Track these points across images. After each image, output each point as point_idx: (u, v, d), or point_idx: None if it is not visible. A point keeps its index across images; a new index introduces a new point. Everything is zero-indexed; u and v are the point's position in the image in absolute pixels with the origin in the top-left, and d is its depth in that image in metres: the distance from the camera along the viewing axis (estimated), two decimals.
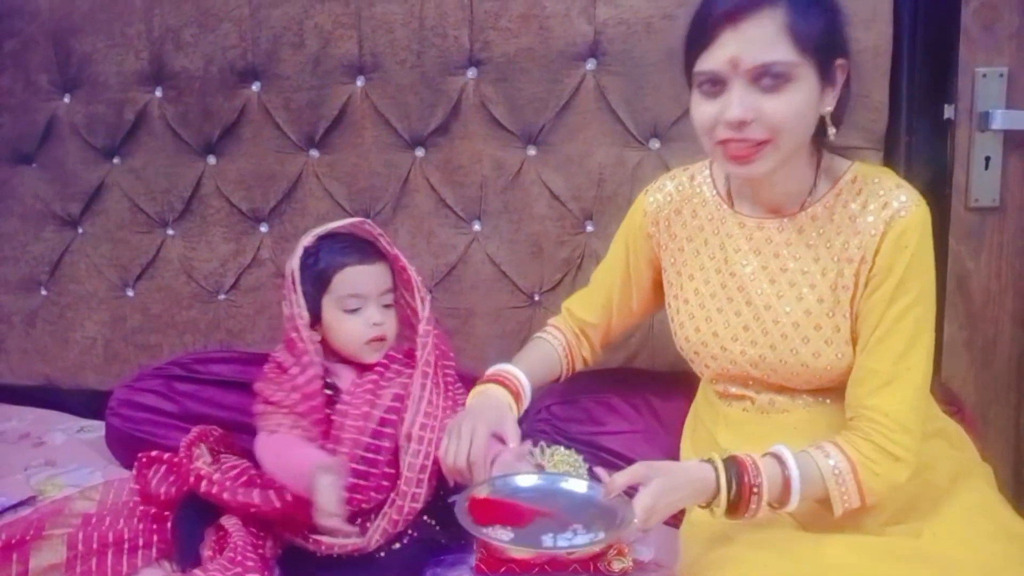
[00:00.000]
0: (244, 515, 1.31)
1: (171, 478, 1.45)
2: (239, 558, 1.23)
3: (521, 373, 1.31)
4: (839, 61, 1.09)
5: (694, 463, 1.11)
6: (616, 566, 1.24)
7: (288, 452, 1.28)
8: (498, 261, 1.75)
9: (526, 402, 1.31)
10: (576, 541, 1.05)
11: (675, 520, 1.29)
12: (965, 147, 1.52)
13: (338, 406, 1.33)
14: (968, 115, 1.51)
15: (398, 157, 1.77)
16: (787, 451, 1.09)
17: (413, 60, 1.71)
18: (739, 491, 1.06)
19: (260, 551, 1.29)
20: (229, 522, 1.31)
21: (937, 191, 1.56)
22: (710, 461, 1.09)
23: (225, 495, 1.31)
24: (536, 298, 1.76)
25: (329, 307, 1.35)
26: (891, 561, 1.05)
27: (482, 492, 1.12)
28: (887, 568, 1.05)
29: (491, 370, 1.33)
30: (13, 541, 1.30)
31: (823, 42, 1.05)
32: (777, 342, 1.17)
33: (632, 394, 1.55)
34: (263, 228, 1.88)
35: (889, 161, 1.53)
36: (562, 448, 1.39)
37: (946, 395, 1.44)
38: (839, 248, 1.14)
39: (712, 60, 1.06)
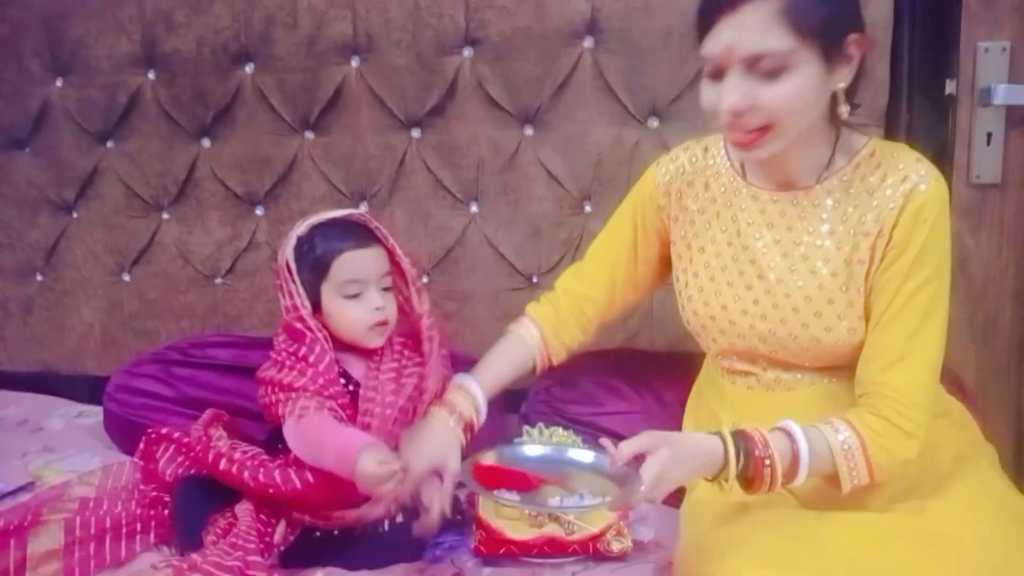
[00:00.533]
0: (258, 498, 1.31)
1: (180, 458, 1.45)
2: (240, 542, 1.23)
3: (479, 391, 1.25)
4: (852, 36, 1.05)
5: (702, 435, 1.10)
6: (615, 547, 1.24)
7: (327, 436, 1.25)
8: (496, 243, 1.74)
9: (482, 418, 1.25)
10: (583, 503, 1.06)
11: (675, 500, 1.29)
12: (967, 123, 1.51)
13: (363, 393, 1.33)
14: (970, 90, 1.50)
15: (394, 138, 1.76)
16: (796, 425, 1.08)
17: (408, 40, 1.69)
18: (749, 464, 1.06)
19: (267, 538, 1.28)
20: (241, 508, 1.31)
21: (938, 167, 1.54)
22: (719, 434, 1.08)
23: (246, 474, 1.30)
24: (534, 280, 1.75)
25: (329, 294, 1.34)
26: (893, 540, 1.05)
27: (488, 459, 1.12)
28: (889, 547, 1.04)
29: (452, 383, 1.27)
30: (11, 527, 1.29)
31: (829, 23, 1.02)
32: (788, 316, 1.16)
33: (632, 375, 1.54)
34: (259, 211, 1.87)
35: (890, 137, 1.51)
36: (560, 429, 1.39)
37: (947, 375, 1.43)
38: (855, 221, 1.12)
39: (711, 45, 1.05)
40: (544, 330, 1.34)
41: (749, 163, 1.21)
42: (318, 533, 1.31)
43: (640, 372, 1.55)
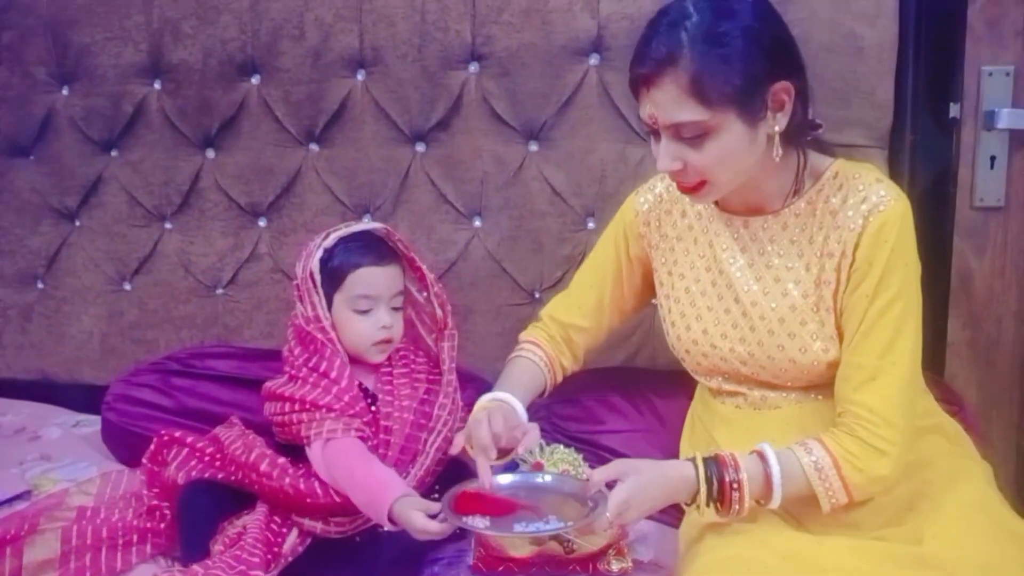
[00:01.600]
0: (278, 505, 1.32)
1: (192, 462, 1.44)
2: (244, 555, 1.23)
3: (516, 401, 1.26)
4: (776, 87, 1.08)
5: (676, 462, 1.14)
6: (615, 566, 1.24)
7: (357, 471, 1.27)
8: (498, 258, 1.74)
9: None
10: (544, 527, 1.09)
11: (674, 520, 1.29)
12: (970, 146, 1.51)
13: (381, 403, 1.36)
14: (973, 114, 1.50)
15: (398, 152, 1.76)
16: (770, 449, 1.10)
17: (414, 54, 1.69)
18: (719, 488, 1.08)
19: (276, 548, 1.28)
20: (252, 517, 1.30)
21: (942, 190, 1.55)
22: (692, 459, 1.11)
23: (287, 480, 1.30)
24: (537, 295, 1.74)
25: (340, 306, 1.36)
26: (890, 565, 1.05)
27: (471, 487, 1.15)
28: (885, 571, 1.05)
29: (486, 398, 1.26)
30: (8, 536, 1.29)
31: (741, 89, 1.05)
32: (764, 338, 1.18)
33: (633, 393, 1.54)
34: (261, 223, 1.87)
35: (893, 159, 1.52)
36: (562, 447, 1.37)
37: (946, 394, 1.43)
38: (820, 243, 1.15)
39: (641, 113, 1.11)
40: (548, 351, 1.37)
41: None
42: (327, 541, 1.31)
43: (641, 390, 1.55)
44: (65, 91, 1.93)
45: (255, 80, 1.80)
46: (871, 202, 1.11)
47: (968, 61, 1.49)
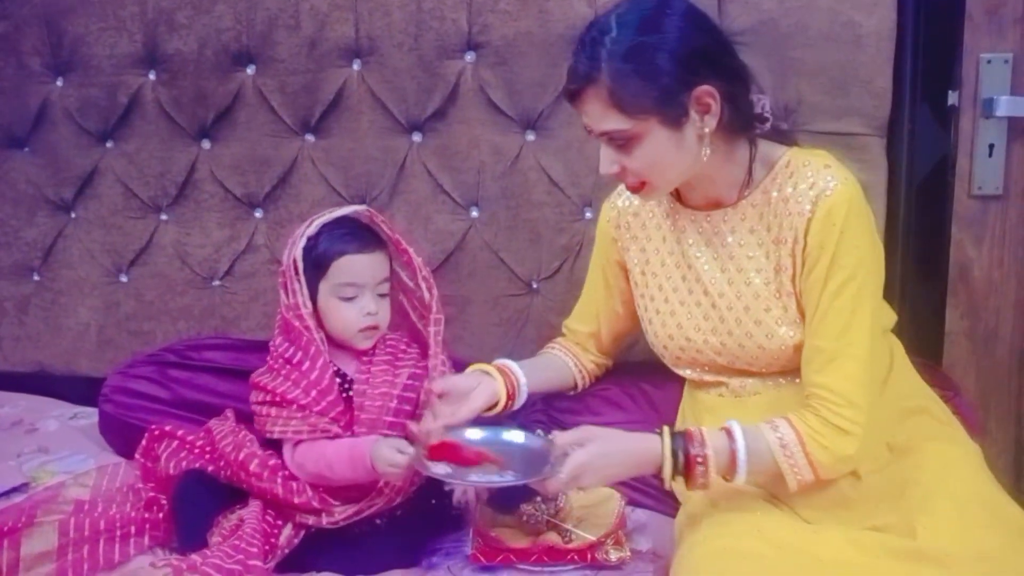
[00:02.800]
0: (269, 501, 1.32)
1: (183, 453, 1.44)
2: (243, 545, 1.23)
3: (515, 365, 1.36)
4: (697, 92, 1.11)
5: (643, 434, 1.16)
6: (614, 556, 1.24)
7: (329, 450, 1.30)
8: (496, 248, 1.74)
9: (521, 385, 1.36)
10: (495, 479, 1.16)
11: (672, 510, 1.29)
12: (969, 134, 1.51)
13: (356, 388, 1.35)
14: (972, 101, 1.50)
15: (395, 142, 1.75)
16: (737, 426, 1.14)
17: (410, 43, 1.69)
18: (685, 461, 1.12)
19: (273, 540, 1.28)
20: (249, 509, 1.31)
21: (940, 178, 1.55)
22: (660, 432, 1.14)
23: (278, 482, 1.31)
24: (534, 286, 1.74)
25: (324, 293, 1.36)
26: (887, 558, 1.07)
27: (450, 437, 1.21)
28: (882, 563, 1.06)
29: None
30: (5, 528, 1.29)
31: (658, 100, 1.10)
32: (732, 327, 1.23)
33: (628, 384, 1.54)
34: (258, 214, 1.86)
35: (892, 148, 1.52)
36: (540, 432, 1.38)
37: (942, 381, 1.43)
38: (776, 231, 1.19)
39: (581, 121, 1.18)
40: (575, 351, 1.48)
41: (682, 186, 1.27)
42: (324, 532, 1.31)
43: (636, 382, 1.54)
44: (60, 82, 1.92)
45: (250, 70, 1.79)
46: (819, 188, 1.15)
47: (967, 49, 1.49)
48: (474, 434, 1.23)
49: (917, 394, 1.28)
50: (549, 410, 1.52)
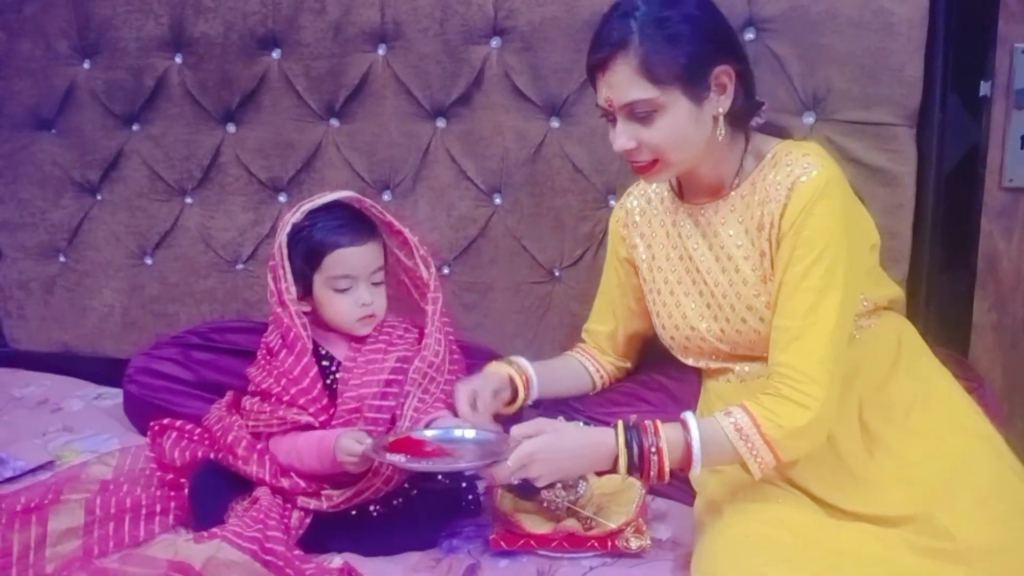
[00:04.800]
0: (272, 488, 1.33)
1: (183, 443, 1.47)
2: (262, 516, 1.24)
3: (527, 363, 1.41)
4: (717, 70, 1.17)
5: (599, 428, 1.20)
6: (634, 544, 1.24)
7: (299, 441, 1.32)
8: (518, 235, 1.73)
9: (534, 380, 1.40)
10: (440, 466, 1.21)
11: (690, 499, 1.29)
12: (1000, 125, 1.48)
13: (339, 375, 1.36)
14: (1005, 92, 1.47)
15: (419, 127, 1.75)
16: (692, 416, 1.16)
17: (436, 28, 1.68)
18: (640, 454, 1.13)
19: (286, 522, 1.29)
20: (260, 490, 1.32)
21: (970, 169, 1.53)
22: (615, 426, 1.16)
23: (266, 464, 1.33)
24: (556, 273, 1.74)
25: (320, 285, 1.37)
26: (908, 553, 1.08)
27: (412, 434, 1.26)
28: (905, 558, 1.07)
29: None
30: (32, 504, 1.31)
31: (685, 69, 1.15)
32: (729, 315, 1.27)
33: (647, 379, 1.53)
34: (282, 198, 1.87)
35: (922, 138, 1.49)
36: (581, 423, 1.37)
37: (966, 372, 1.42)
38: (758, 218, 1.23)
39: (598, 98, 1.22)
40: (594, 353, 1.50)
41: (681, 180, 1.33)
42: (339, 515, 1.32)
43: (655, 376, 1.53)
44: (87, 64, 1.93)
45: (276, 54, 1.80)
46: (794, 175, 1.18)
47: (1000, 38, 1.46)
48: (432, 433, 1.27)
49: (932, 378, 1.29)
50: (569, 400, 1.51)
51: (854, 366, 1.23)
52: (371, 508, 1.31)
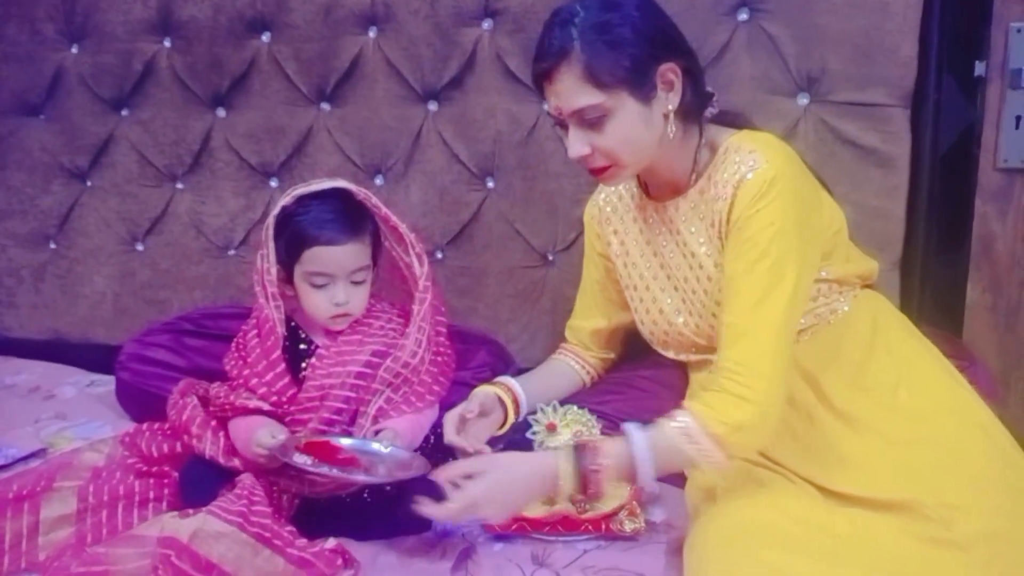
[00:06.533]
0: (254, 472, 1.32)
1: (159, 438, 1.46)
2: (246, 493, 1.24)
3: (513, 380, 1.39)
4: (662, 68, 1.16)
5: (539, 457, 1.20)
6: (628, 527, 1.24)
7: (238, 428, 1.33)
8: (512, 219, 1.72)
9: (521, 396, 1.38)
10: (339, 475, 1.22)
11: (682, 481, 1.29)
12: (996, 105, 1.48)
13: (310, 363, 1.35)
14: (1000, 72, 1.46)
15: (410, 111, 1.74)
16: (634, 427, 1.14)
17: (427, 10, 1.67)
18: (581, 474, 1.12)
19: (276, 502, 1.30)
20: (244, 475, 1.31)
21: (965, 150, 1.52)
22: (558, 452, 1.16)
23: (220, 442, 1.34)
24: (550, 257, 1.73)
25: (298, 276, 1.36)
26: (905, 538, 1.08)
27: (327, 439, 1.28)
28: (901, 542, 1.07)
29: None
30: (24, 492, 1.30)
31: (630, 71, 1.14)
32: (699, 309, 1.27)
33: (637, 365, 1.53)
34: (273, 183, 1.86)
35: (916, 119, 1.49)
36: (575, 407, 1.37)
37: (958, 351, 1.42)
38: (709, 216, 1.23)
39: (548, 106, 1.21)
40: (579, 351, 1.50)
41: (646, 180, 1.33)
42: (332, 499, 1.32)
43: (645, 363, 1.53)
44: (74, 49, 1.91)
45: (265, 38, 1.78)
46: (740, 172, 1.17)
47: (995, 17, 1.45)
48: (349, 442, 1.28)
49: (912, 357, 1.27)
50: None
51: (829, 349, 1.23)
52: (364, 494, 1.31)
